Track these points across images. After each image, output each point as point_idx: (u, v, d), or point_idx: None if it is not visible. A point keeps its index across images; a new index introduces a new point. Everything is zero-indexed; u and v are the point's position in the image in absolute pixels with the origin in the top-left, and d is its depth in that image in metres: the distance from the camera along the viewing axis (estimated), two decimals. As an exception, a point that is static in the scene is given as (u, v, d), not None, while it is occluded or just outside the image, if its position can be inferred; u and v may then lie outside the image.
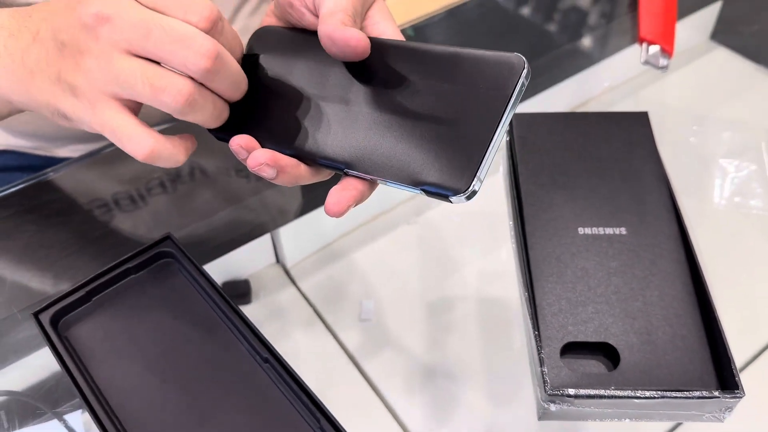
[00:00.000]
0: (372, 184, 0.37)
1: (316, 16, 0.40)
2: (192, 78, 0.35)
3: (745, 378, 0.42)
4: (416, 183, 0.34)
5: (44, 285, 0.55)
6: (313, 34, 0.39)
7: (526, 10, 0.84)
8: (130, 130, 0.36)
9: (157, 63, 0.35)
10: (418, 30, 0.74)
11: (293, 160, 0.38)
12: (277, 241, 0.66)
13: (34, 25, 0.38)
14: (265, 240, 0.66)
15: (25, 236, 0.57)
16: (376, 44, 0.37)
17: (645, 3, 0.75)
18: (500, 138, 0.33)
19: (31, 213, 0.56)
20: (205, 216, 0.62)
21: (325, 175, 0.40)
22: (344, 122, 0.37)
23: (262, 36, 0.43)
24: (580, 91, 0.81)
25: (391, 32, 0.40)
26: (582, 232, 0.50)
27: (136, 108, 0.37)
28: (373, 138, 0.36)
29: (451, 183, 0.32)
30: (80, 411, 0.50)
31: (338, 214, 0.36)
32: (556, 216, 0.51)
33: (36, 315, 0.46)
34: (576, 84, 0.78)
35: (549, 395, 0.42)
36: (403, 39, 0.39)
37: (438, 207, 0.65)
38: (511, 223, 0.53)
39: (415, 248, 0.65)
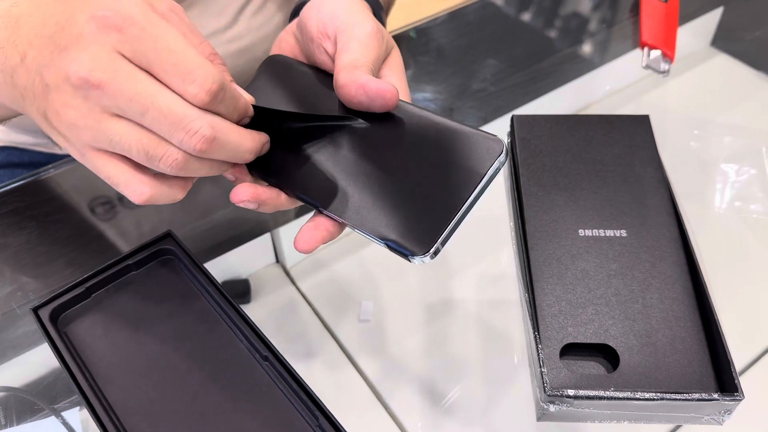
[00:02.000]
0: (342, 227, 0.39)
1: (330, 58, 0.41)
2: None
3: (744, 381, 0.42)
4: (382, 237, 0.36)
5: (44, 281, 0.55)
6: (322, 73, 0.42)
7: (528, 15, 0.84)
8: (126, 178, 0.36)
9: None
10: (420, 32, 0.74)
11: (274, 191, 0.40)
12: (277, 241, 0.66)
13: (21, 44, 0.35)
14: (265, 239, 0.66)
15: (25, 232, 0.57)
16: None
17: (646, 8, 0.75)
18: (467, 210, 0.35)
19: (32, 209, 0.56)
20: (205, 214, 0.62)
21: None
22: (329, 164, 0.39)
23: (273, 63, 0.45)
24: (581, 95, 0.81)
25: (395, 82, 0.41)
26: (582, 234, 0.50)
27: None
28: (352, 186, 0.38)
29: (412, 245, 0.35)
30: (78, 408, 0.50)
31: (307, 252, 0.38)
32: (556, 217, 0.51)
33: (35, 310, 0.46)
34: (577, 88, 0.78)
35: (548, 396, 0.42)
36: (408, 97, 0.42)
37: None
38: (511, 224, 0.53)
39: None
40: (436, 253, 0.34)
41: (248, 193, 0.38)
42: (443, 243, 0.35)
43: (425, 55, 0.75)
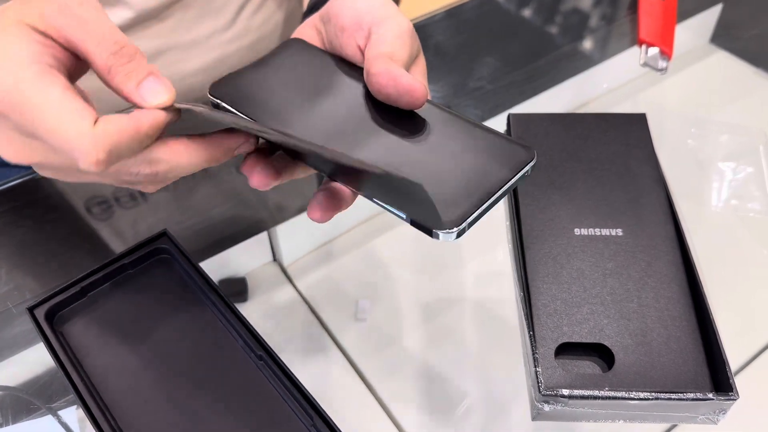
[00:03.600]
0: (354, 196, 0.38)
1: (360, 51, 0.40)
2: None
3: (739, 381, 0.42)
4: (405, 208, 0.34)
5: (40, 280, 0.55)
6: (344, 61, 0.41)
7: (526, 12, 0.84)
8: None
9: None
10: (417, 29, 0.74)
11: (289, 166, 0.38)
12: (274, 239, 0.66)
13: None
14: (262, 238, 0.66)
15: (21, 231, 0.56)
16: None
17: (645, 5, 0.75)
18: (493, 203, 0.34)
19: (29, 208, 0.56)
20: (202, 212, 0.62)
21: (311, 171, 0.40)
22: (349, 136, 0.37)
23: (290, 46, 0.44)
24: (578, 93, 0.81)
25: None
26: (578, 233, 0.50)
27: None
28: (374, 156, 0.36)
29: (441, 217, 0.33)
30: (74, 407, 0.50)
31: (322, 221, 0.37)
32: (552, 216, 0.51)
33: (31, 310, 0.46)
34: (575, 86, 0.78)
35: (543, 396, 0.42)
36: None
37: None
38: (507, 223, 0.53)
39: (412, 248, 0.65)
40: (461, 233, 0.33)
41: (264, 182, 0.37)
42: (470, 225, 0.33)
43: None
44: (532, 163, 0.35)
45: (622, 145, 0.55)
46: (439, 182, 0.34)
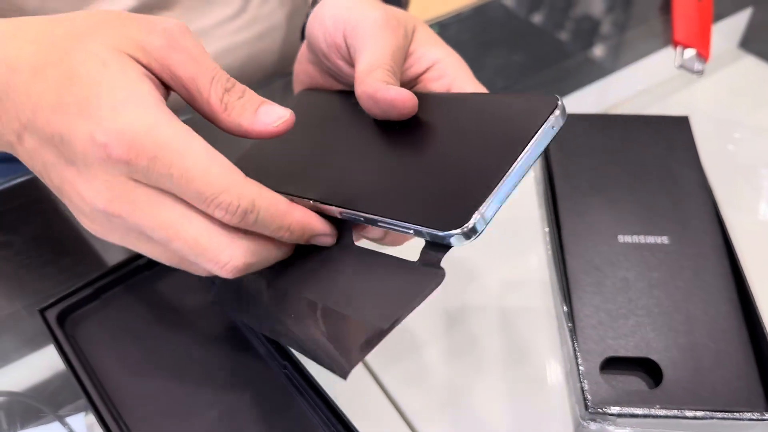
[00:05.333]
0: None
1: (352, 66, 0.37)
2: None
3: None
4: (408, 222, 0.30)
5: (51, 280, 0.53)
6: (348, 92, 0.38)
7: (550, 13, 0.82)
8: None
9: None
10: (443, 27, 0.71)
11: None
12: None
13: (11, 121, 0.31)
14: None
15: (31, 228, 0.54)
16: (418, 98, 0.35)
17: (679, 6, 0.73)
18: (516, 177, 0.29)
19: (40, 204, 0.54)
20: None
21: None
22: (369, 173, 0.35)
23: (302, 98, 0.42)
24: (605, 96, 0.78)
25: (441, 55, 0.38)
26: (622, 240, 0.48)
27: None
28: (362, 176, 0.34)
29: (444, 224, 0.29)
30: (84, 413, 0.48)
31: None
32: (593, 222, 0.49)
33: (42, 312, 0.43)
34: (604, 87, 0.76)
35: (590, 414, 0.39)
36: (452, 53, 0.38)
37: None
38: (546, 229, 0.51)
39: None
40: (474, 230, 0.28)
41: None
42: (486, 218, 0.28)
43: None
44: (556, 114, 0.29)
45: (664, 148, 0.53)
46: (448, 180, 0.30)
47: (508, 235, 0.60)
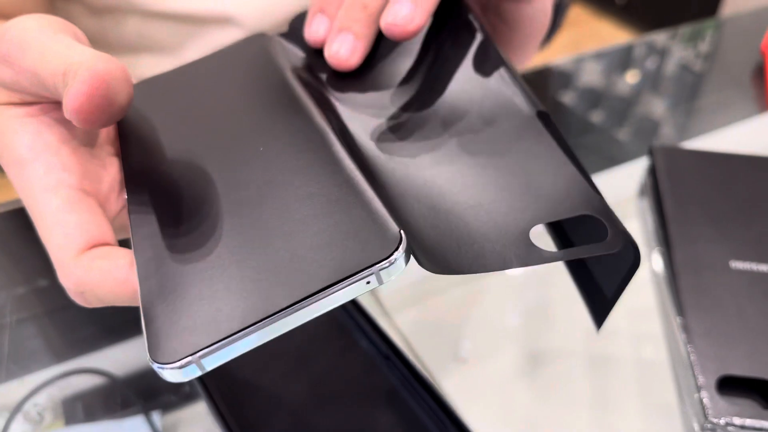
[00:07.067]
0: None
1: None
2: None
3: None
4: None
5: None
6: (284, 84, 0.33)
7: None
8: None
9: None
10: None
11: None
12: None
13: None
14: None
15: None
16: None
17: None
18: (270, 333, 0.23)
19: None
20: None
21: None
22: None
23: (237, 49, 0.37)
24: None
25: None
26: (734, 267, 0.48)
27: None
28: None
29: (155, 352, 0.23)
30: (160, 411, 0.47)
31: None
32: (705, 247, 0.49)
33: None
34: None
35: (710, 422, 0.39)
36: None
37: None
38: (654, 253, 0.51)
39: (520, 285, 0.61)
40: (181, 368, 0.22)
41: None
42: (203, 368, 0.23)
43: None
44: (382, 265, 0.22)
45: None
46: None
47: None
